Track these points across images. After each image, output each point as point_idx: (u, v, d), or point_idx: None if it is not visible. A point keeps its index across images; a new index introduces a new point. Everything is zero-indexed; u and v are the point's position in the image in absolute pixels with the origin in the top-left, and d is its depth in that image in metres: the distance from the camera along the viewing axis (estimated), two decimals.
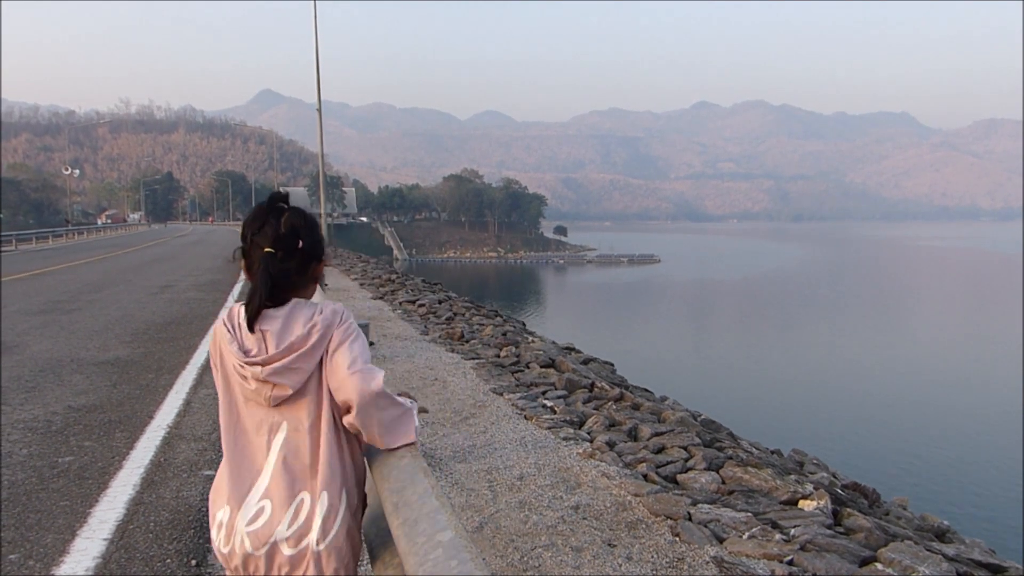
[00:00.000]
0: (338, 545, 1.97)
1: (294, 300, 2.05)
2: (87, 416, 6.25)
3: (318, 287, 2.25)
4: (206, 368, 8.30)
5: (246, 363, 2.01)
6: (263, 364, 1.99)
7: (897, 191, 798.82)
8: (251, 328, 2.03)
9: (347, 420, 1.98)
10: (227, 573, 2.07)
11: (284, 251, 2.02)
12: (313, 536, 1.95)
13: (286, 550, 1.95)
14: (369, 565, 2.48)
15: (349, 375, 1.94)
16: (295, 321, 2.01)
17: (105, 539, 3.85)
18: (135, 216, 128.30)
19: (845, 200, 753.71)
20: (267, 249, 2.02)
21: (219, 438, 2.41)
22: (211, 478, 4.82)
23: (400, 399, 2.04)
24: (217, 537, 2.04)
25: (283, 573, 1.97)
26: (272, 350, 1.99)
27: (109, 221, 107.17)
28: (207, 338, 10.27)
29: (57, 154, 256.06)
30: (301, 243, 2.05)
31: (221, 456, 2.15)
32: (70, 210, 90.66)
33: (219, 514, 2.04)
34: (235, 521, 2.00)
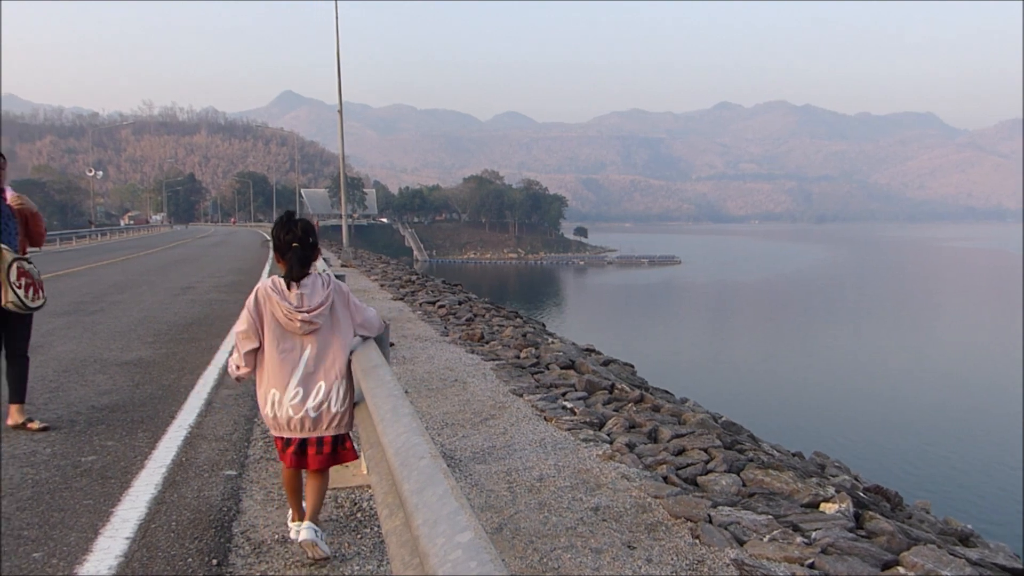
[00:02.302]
0: (342, 409, 3.61)
1: (313, 273, 3.63)
2: (110, 416, 6.31)
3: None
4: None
5: (296, 310, 3.54)
6: (308, 311, 3.55)
7: (922, 192, 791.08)
8: (288, 288, 3.57)
9: (368, 332, 3.89)
10: (271, 432, 3.67)
11: (304, 244, 3.59)
12: (329, 405, 3.57)
13: (312, 413, 3.54)
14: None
15: (363, 315, 3.82)
16: (317, 287, 3.60)
17: (127, 538, 3.87)
18: (158, 217, 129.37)
19: (869, 201, 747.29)
20: (295, 244, 3.57)
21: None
22: (232, 478, 4.87)
23: (379, 321, 3.94)
24: (268, 409, 3.59)
25: (310, 427, 3.55)
26: (309, 304, 3.55)
27: (132, 222, 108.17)
28: (229, 339, 10.35)
29: (81, 156, 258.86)
30: (311, 239, 3.61)
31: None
32: (93, 211, 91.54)
33: (269, 395, 3.58)
34: (283, 399, 3.55)
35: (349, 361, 3.68)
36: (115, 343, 9.96)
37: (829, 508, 5.00)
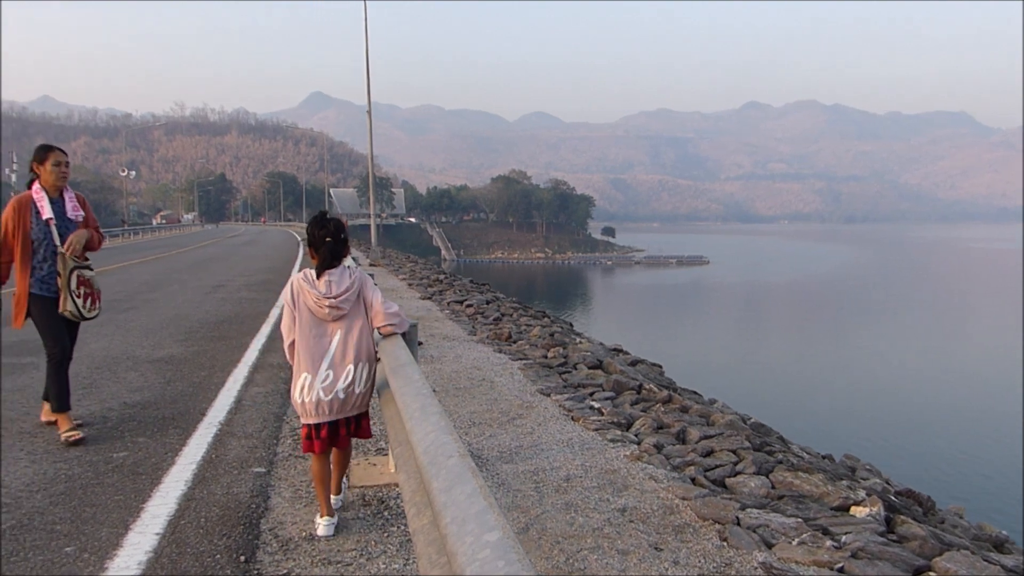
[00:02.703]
0: (365, 390, 3.99)
1: (341, 265, 4.02)
2: (141, 412, 6.38)
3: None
4: (257, 367, 8.43)
5: (324, 297, 3.91)
6: (335, 297, 3.92)
7: (953, 192, 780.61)
8: (319, 277, 3.96)
9: (377, 324, 4.11)
10: (302, 420, 3.97)
11: (336, 239, 4.00)
12: (357, 387, 3.94)
13: (341, 395, 3.90)
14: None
15: (381, 307, 4.09)
16: (344, 277, 3.99)
17: (157, 534, 3.91)
18: (189, 217, 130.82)
19: (899, 201, 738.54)
20: (328, 239, 3.97)
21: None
22: (261, 475, 4.91)
23: (399, 316, 4.15)
24: (298, 395, 3.91)
25: (338, 408, 3.90)
26: (336, 291, 3.94)
27: (164, 222, 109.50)
28: (259, 337, 10.45)
29: (114, 156, 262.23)
30: (342, 235, 4.03)
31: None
32: (126, 211, 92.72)
33: (300, 380, 3.90)
34: (314, 382, 3.88)
35: (376, 346, 4.16)
36: (147, 341, 10.08)
37: (859, 512, 4.94)
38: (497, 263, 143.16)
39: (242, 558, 3.68)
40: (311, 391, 3.85)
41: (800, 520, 4.53)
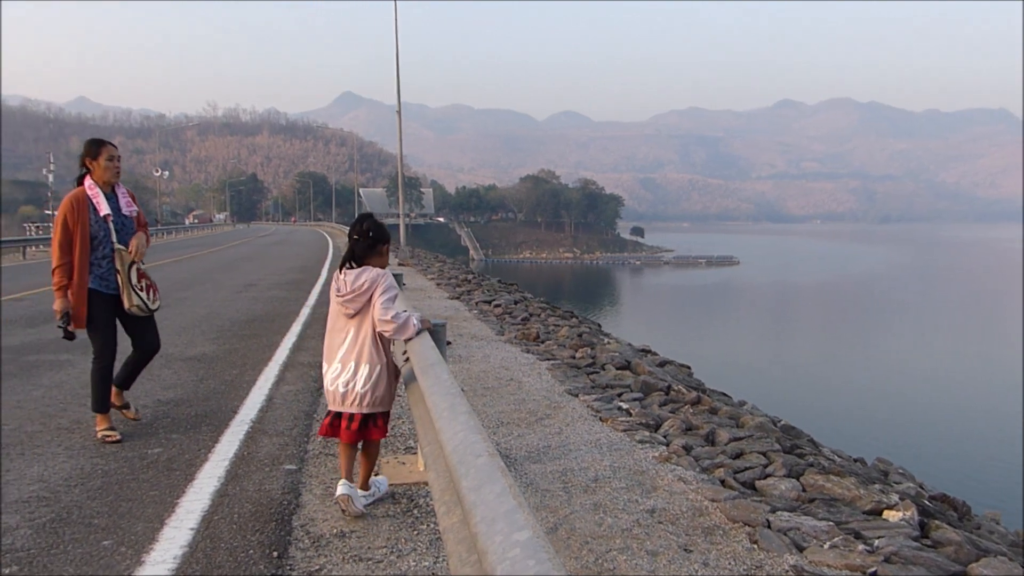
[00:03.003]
0: (364, 390, 4.12)
1: (366, 265, 4.18)
2: (175, 410, 6.46)
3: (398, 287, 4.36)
4: (288, 365, 8.50)
5: (336, 295, 4.18)
6: (341, 296, 4.15)
7: (993, 191, 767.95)
8: (340, 274, 4.18)
9: (378, 329, 4.14)
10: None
11: (362, 239, 4.19)
12: (356, 383, 4.12)
13: (341, 389, 4.15)
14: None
15: (378, 311, 4.09)
16: (360, 276, 4.12)
17: (192, 529, 3.96)
18: (221, 216, 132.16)
19: (936, 200, 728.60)
20: (355, 237, 4.20)
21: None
22: (292, 472, 4.96)
23: (399, 317, 4.10)
24: (324, 380, 4.27)
25: (339, 401, 4.17)
26: (344, 290, 4.14)
27: (196, 221, 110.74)
28: (289, 336, 10.56)
29: (148, 156, 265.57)
30: (371, 235, 4.19)
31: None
32: (160, 211, 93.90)
33: (324, 368, 4.27)
34: (327, 371, 4.23)
35: (386, 353, 4.29)
36: (180, 339, 10.20)
37: (892, 516, 4.89)
38: (525, 263, 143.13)
39: (275, 554, 3.72)
40: (326, 379, 4.25)
41: (832, 524, 4.49)
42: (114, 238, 5.47)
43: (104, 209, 5.41)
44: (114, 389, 5.78)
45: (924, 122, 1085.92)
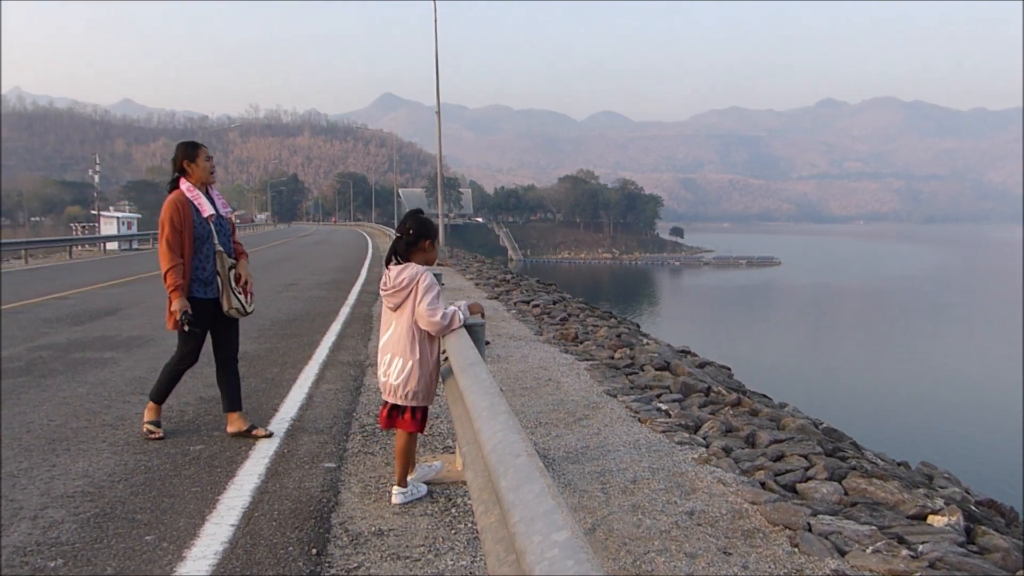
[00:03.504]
0: (396, 382, 4.25)
1: (409, 262, 4.29)
2: (217, 407, 6.52)
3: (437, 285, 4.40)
4: (327, 364, 8.58)
5: (382, 289, 4.35)
6: (385, 291, 4.30)
7: None
8: (387, 269, 4.33)
9: (425, 328, 4.24)
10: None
11: (403, 236, 4.30)
12: (391, 375, 4.28)
13: (382, 378, 4.38)
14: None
15: (424, 312, 4.18)
16: (402, 272, 4.23)
17: (232, 525, 4.01)
18: (262, 216, 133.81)
19: (983, 201, 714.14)
20: (398, 235, 4.33)
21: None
22: (331, 470, 4.99)
23: (446, 316, 4.19)
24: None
25: (382, 387, 4.37)
26: (387, 285, 4.29)
27: (238, 221, 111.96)
28: (329, 335, 10.66)
29: None
30: (412, 232, 4.29)
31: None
32: None
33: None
34: (379, 363, 4.40)
35: (422, 348, 4.35)
36: None
37: (937, 521, 4.80)
38: (564, 263, 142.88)
39: (314, 551, 3.75)
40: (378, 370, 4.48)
41: (874, 528, 4.42)
42: (215, 239, 5.46)
43: (208, 210, 5.39)
44: (233, 415, 5.68)
45: (971, 121, 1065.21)
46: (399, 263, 4.30)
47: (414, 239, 4.29)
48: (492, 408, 2.72)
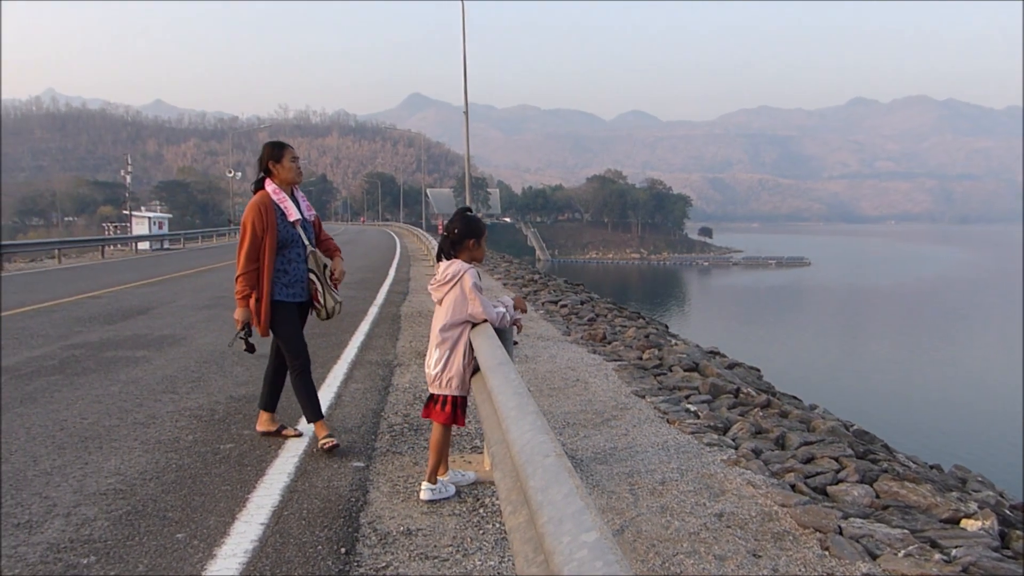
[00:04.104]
0: (434, 371, 4.44)
1: (455, 259, 4.47)
2: (247, 406, 6.60)
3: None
4: (356, 364, 8.63)
5: (431, 284, 4.59)
6: (432, 285, 4.56)
7: None
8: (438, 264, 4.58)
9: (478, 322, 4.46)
10: None
11: (449, 234, 4.49)
12: (430, 364, 4.50)
13: (427, 369, 4.56)
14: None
15: (477, 311, 4.41)
16: (447, 269, 4.45)
17: (262, 523, 4.05)
18: None
19: (1018, 201, 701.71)
20: (444, 233, 4.55)
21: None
22: (360, 469, 5.01)
23: (495, 311, 4.44)
24: None
25: (428, 380, 4.54)
26: (435, 280, 4.52)
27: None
28: (357, 335, 10.72)
29: (221, 158, 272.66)
30: (456, 230, 4.46)
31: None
32: (232, 211, 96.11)
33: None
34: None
35: (458, 340, 4.50)
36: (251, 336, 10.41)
37: (971, 525, 4.73)
38: (592, 263, 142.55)
39: (343, 550, 3.78)
40: None
41: (907, 531, 4.36)
42: (306, 241, 5.40)
43: (294, 214, 5.31)
44: (267, 416, 5.68)
45: (1006, 119, 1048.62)
46: (445, 259, 4.54)
47: (459, 238, 4.48)
48: (520, 408, 2.72)
